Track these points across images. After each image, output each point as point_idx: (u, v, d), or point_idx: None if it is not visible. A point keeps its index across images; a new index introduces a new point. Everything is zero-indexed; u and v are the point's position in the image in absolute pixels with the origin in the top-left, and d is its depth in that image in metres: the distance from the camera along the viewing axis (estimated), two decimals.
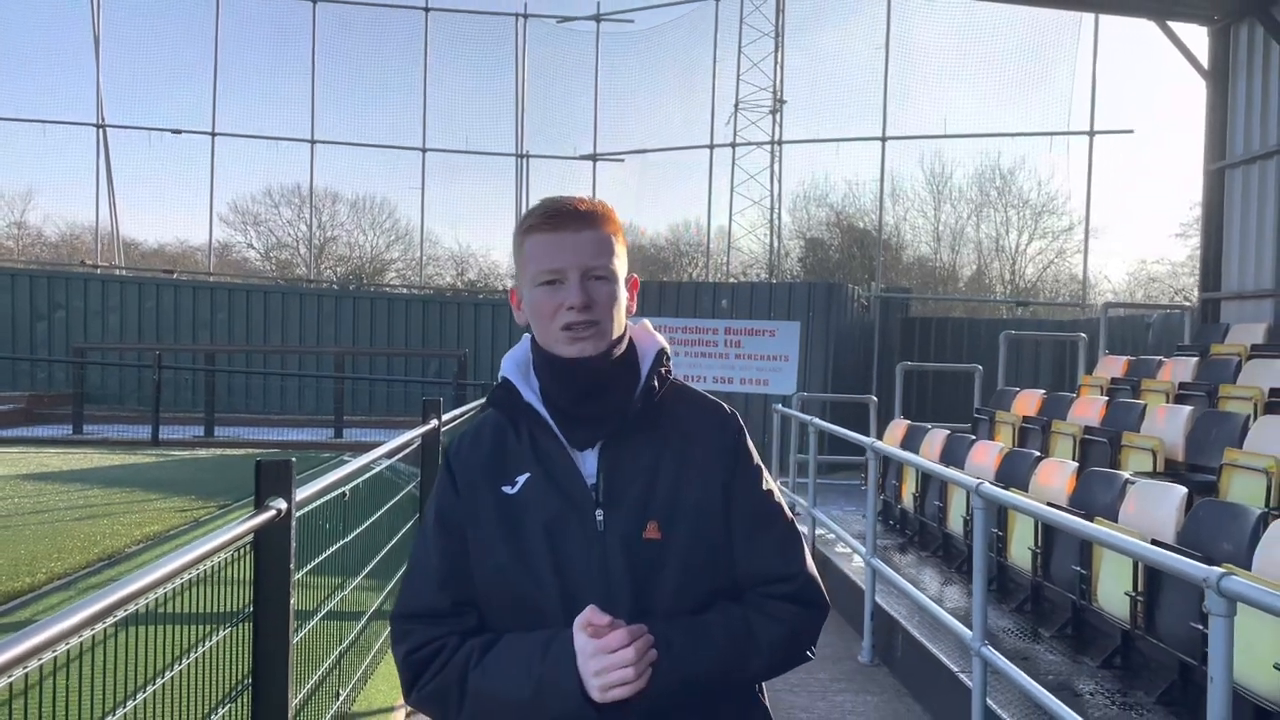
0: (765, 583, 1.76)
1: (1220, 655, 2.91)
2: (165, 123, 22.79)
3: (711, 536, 1.73)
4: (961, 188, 32.00)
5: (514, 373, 1.80)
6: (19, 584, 5.78)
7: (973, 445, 7.99)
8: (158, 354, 16.44)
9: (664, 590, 1.68)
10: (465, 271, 33.59)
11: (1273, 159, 10.75)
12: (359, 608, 5.68)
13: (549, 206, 1.74)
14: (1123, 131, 17.65)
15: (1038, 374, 16.27)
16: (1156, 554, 3.22)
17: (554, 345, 1.72)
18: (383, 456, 5.64)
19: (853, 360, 16.91)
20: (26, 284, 20.28)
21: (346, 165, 24.73)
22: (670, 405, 1.80)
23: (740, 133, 21.92)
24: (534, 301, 1.73)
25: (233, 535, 3.30)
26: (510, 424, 1.80)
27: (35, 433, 15.99)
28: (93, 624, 2.42)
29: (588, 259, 1.70)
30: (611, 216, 1.77)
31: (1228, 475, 5.96)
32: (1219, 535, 4.77)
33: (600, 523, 1.69)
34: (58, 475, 10.26)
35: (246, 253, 35.16)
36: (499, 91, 23.24)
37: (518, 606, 1.70)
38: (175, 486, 9.51)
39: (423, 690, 1.71)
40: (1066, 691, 5.21)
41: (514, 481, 1.75)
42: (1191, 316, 12.14)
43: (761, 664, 1.72)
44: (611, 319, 1.73)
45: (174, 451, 13.72)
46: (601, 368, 1.72)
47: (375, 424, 16.73)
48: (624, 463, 1.73)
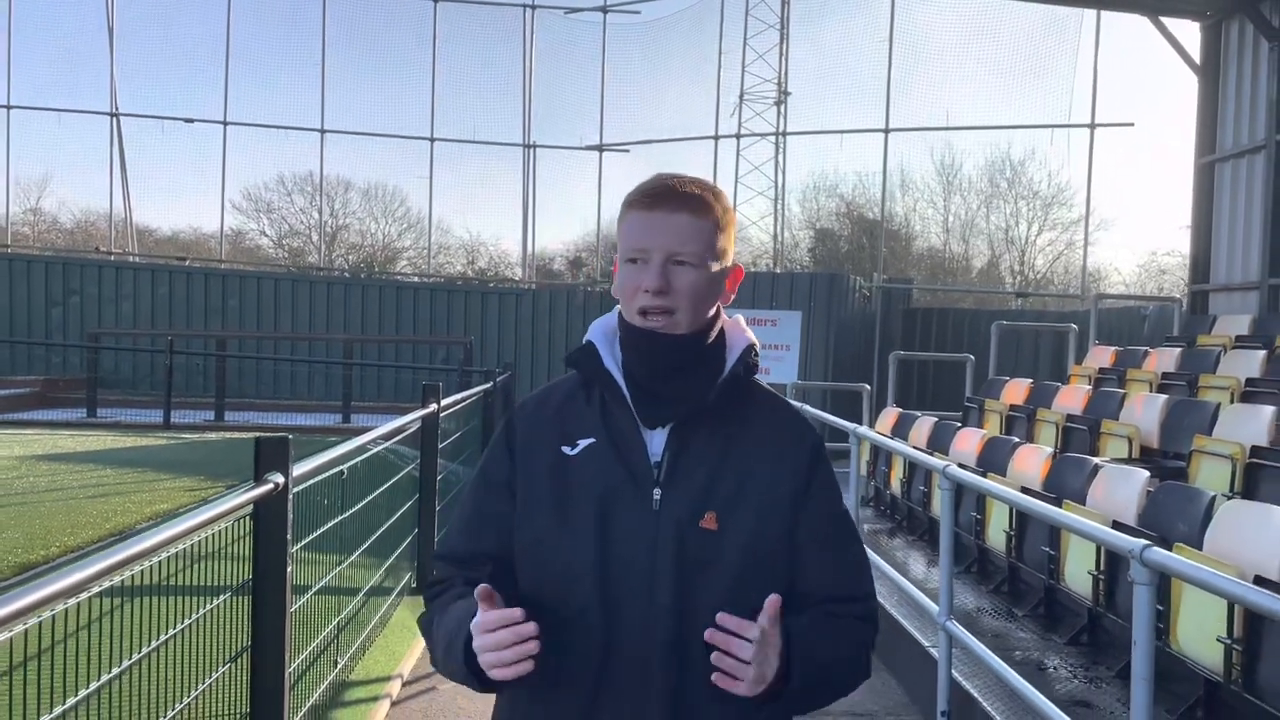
0: (839, 600, 1.74)
1: (1144, 620, 3.13)
2: (178, 111, 23.11)
3: (769, 541, 1.69)
4: (971, 178, 32.05)
5: (599, 338, 1.78)
6: (34, 556, 6.06)
7: (957, 432, 8.21)
8: (170, 339, 16.75)
9: (715, 585, 1.65)
10: (475, 260, 33.83)
11: (1260, 153, 10.91)
12: (357, 583, 5.91)
13: (652, 184, 1.72)
14: (1123, 124, 17.81)
15: (1036, 364, 16.45)
16: (1090, 527, 3.45)
17: (633, 322, 1.72)
18: (380, 438, 5.88)
19: (853, 350, 17.11)
20: (42, 270, 20.64)
21: (357, 153, 24.95)
22: (751, 404, 1.78)
23: (745, 124, 22.12)
24: (620, 277, 1.72)
25: (232, 505, 3.54)
26: (583, 388, 1.79)
27: (49, 415, 16.32)
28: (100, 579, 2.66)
29: (674, 243, 1.67)
30: (714, 203, 1.72)
31: (1196, 461, 6.17)
32: (1176, 516, 4.98)
33: (657, 502, 1.67)
34: (71, 456, 10.58)
35: (259, 240, 35.43)
36: (506, 82, 23.44)
37: (554, 572, 1.68)
38: (185, 468, 9.81)
39: (420, 619, 1.82)
40: (1034, 666, 5.45)
41: (576, 444, 1.73)
42: (1180, 308, 12.31)
43: (855, 678, 1.76)
44: (690, 307, 1.68)
45: (185, 434, 14.04)
46: (681, 348, 1.70)
47: (383, 409, 16.99)
48: (692, 448, 1.70)
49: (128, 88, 22.73)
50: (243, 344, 20.03)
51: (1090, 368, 10.22)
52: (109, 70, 22.04)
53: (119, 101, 22.25)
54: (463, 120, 23.27)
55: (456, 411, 9.07)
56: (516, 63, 23.20)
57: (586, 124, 23.07)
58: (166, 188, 26.22)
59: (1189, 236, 12.17)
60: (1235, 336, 9.47)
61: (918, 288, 20.74)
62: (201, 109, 22.95)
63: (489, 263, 33.60)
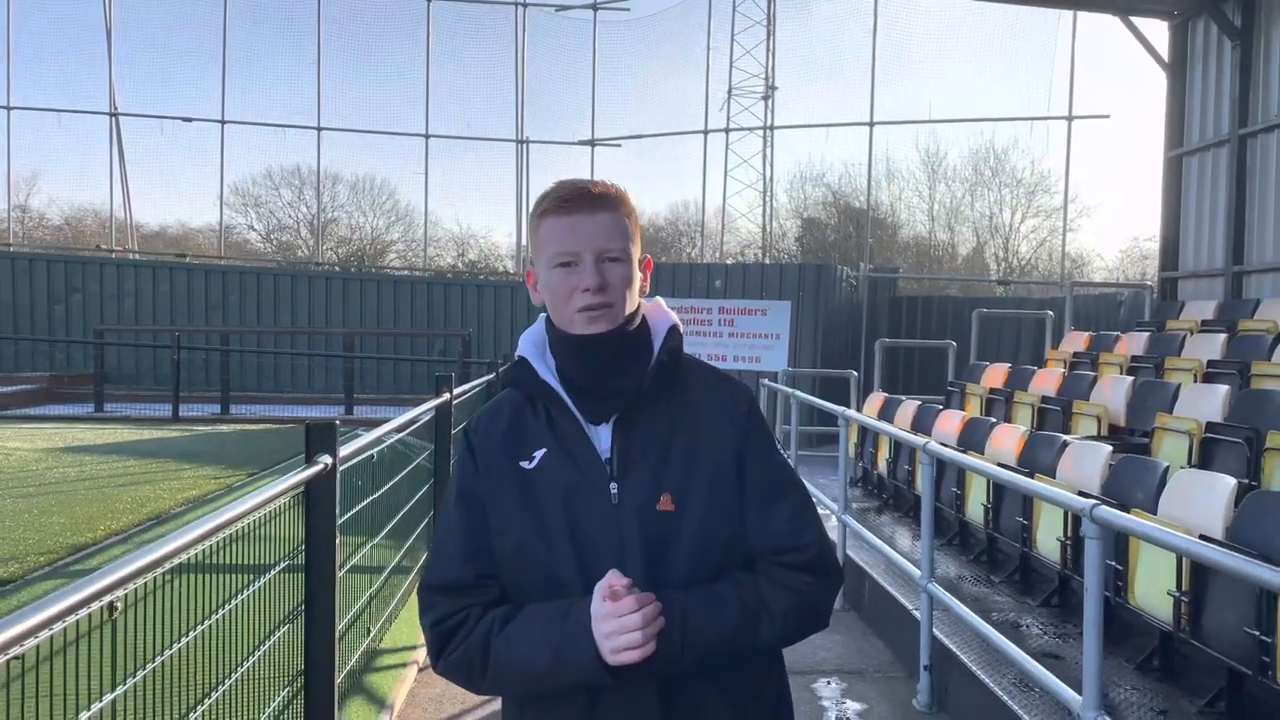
0: (777, 552, 1.78)
1: (1094, 571, 3.60)
2: (175, 110, 23.46)
3: (725, 508, 1.76)
4: (956, 166, 32.56)
5: (531, 352, 1.84)
6: (82, 539, 6.51)
7: (939, 414, 8.70)
8: (176, 335, 17.13)
9: (678, 561, 1.72)
10: (466, 252, 34.14)
11: (1224, 147, 11.45)
12: (383, 562, 6.36)
13: (563, 190, 1.76)
14: (1099, 116, 18.31)
15: (1019, 349, 16.99)
16: (1048, 490, 3.94)
17: (569, 325, 1.76)
18: (403, 425, 6.34)
19: (841, 338, 17.61)
20: (44, 268, 21.00)
21: (348, 148, 25.38)
22: (683, 380, 1.84)
23: (734, 118, 22.60)
24: (550, 283, 1.76)
25: (289, 484, 3.99)
26: (528, 402, 1.84)
27: (58, 411, 16.71)
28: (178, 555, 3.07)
29: (602, 241, 1.73)
30: (625, 199, 1.80)
31: (1159, 437, 6.67)
32: (1134, 485, 5.48)
33: (615, 495, 1.73)
34: (93, 448, 11.00)
35: (248, 234, 35.65)
36: (499, 78, 23.89)
37: (539, 578, 1.74)
38: (204, 458, 10.25)
39: (449, 659, 1.77)
40: (1010, 626, 5.94)
41: (531, 457, 1.78)
42: (1151, 295, 12.86)
43: (774, 632, 1.75)
44: (625, 299, 1.76)
45: (196, 427, 14.45)
46: (615, 344, 1.76)
47: (384, 401, 17.42)
48: (637, 436, 1.77)
49: (125, 87, 23.08)
50: (244, 339, 20.42)
51: (1066, 352, 10.74)
52: (107, 71, 22.39)
53: (118, 101, 22.59)
54: (457, 117, 23.76)
55: (464, 402, 9.51)
56: (509, 60, 23.64)
57: (579, 119, 23.54)
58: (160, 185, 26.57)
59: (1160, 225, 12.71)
60: (1201, 321, 10.01)
61: (903, 277, 21.25)
62: (195, 108, 23.32)
63: (479, 255, 33.95)
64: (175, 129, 23.38)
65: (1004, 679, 5.01)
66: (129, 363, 20.17)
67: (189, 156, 23.88)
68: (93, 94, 23.24)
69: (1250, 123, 11.12)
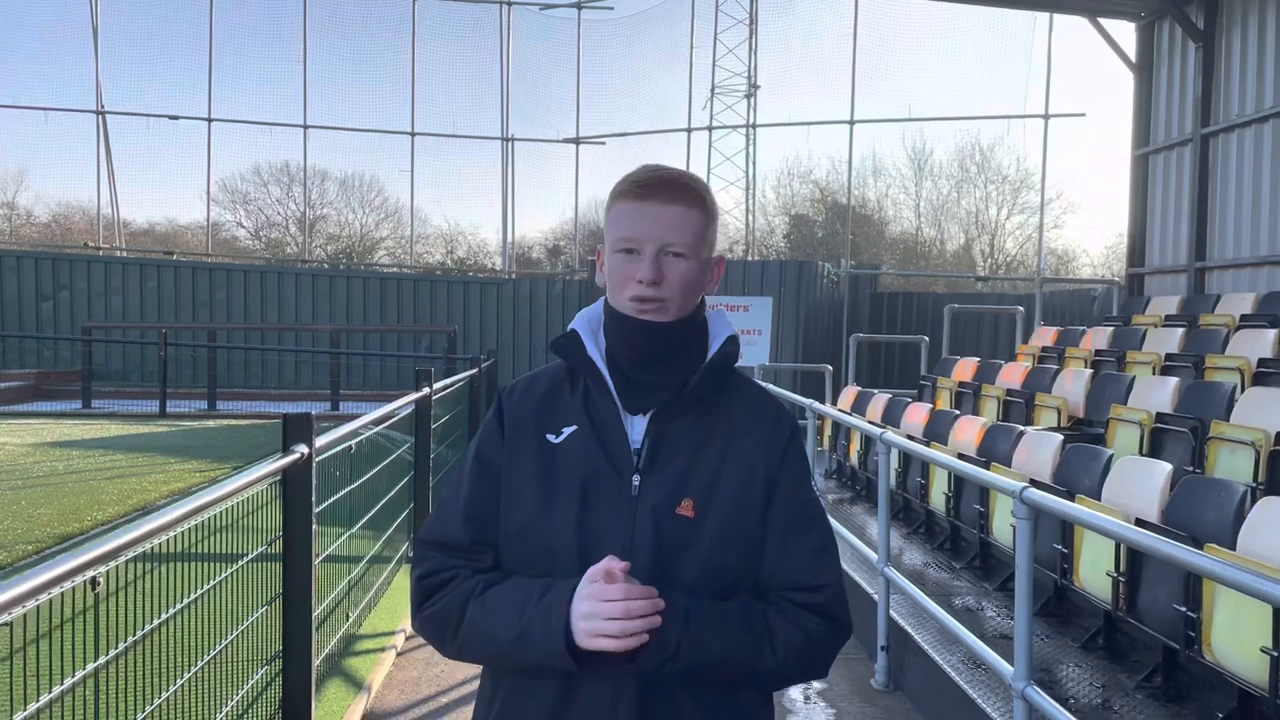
0: (792, 589, 1.72)
1: (1024, 547, 3.83)
2: (159, 108, 23.57)
3: (745, 529, 1.70)
4: (942, 163, 32.84)
5: (584, 327, 1.80)
6: (69, 528, 6.70)
7: (908, 407, 8.94)
8: (164, 333, 17.28)
9: (686, 570, 1.66)
10: (454, 249, 34.29)
11: (1187, 147, 11.73)
12: (362, 552, 6.56)
13: (641, 175, 1.73)
14: (1075, 115, 18.57)
15: (996, 343, 17.26)
16: (979, 474, 4.16)
17: (622, 311, 1.74)
18: (381, 418, 6.53)
19: (822, 333, 17.85)
20: (31, 265, 21.10)
21: (337, 146, 25.53)
22: (729, 392, 1.79)
23: (717, 117, 22.82)
24: (611, 267, 1.73)
25: (266, 471, 4.19)
26: (568, 376, 1.82)
27: (46, 407, 16.84)
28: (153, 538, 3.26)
29: (667, 234, 1.68)
30: (703, 194, 1.75)
31: (1113, 427, 6.91)
32: (1082, 473, 5.72)
33: (635, 488, 1.69)
34: (80, 442, 11.17)
35: (236, 231, 35.74)
36: (485, 77, 24.04)
37: (537, 557, 1.70)
38: (190, 451, 10.43)
39: (425, 613, 1.74)
40: (969, 610, 6.17)
41: (560, 431, 1.75)
42: (1119, 290, 13.13)
43: (773, 665, 1.67)
44: (680, 297, 1.71)
45: (183, 422, 14.62)
46: (668, 335, 1.72)
47: (370, 397, 17.56)
48: (672, 435, 1.72)
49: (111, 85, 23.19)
50: (231, 335, 20.57)
51: (1035, 346, 11.02)
52: (94, 69, 22.48)
53: (104, 99, 22.71)
54: (443, 114, 23.87)
55: (445, 396, 9.70)
56: (494, 58, 23.80)
57: (563, 117, 23.73)
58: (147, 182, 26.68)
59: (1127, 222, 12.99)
60: (1165, 316, 10.29)
61: (884, 273, 21.50)
62: (182, 106, 23.44)
63: (468, 252, 34.10)
64: (162, 126, 23.51)
65: (953, 657, 5.24)
66: (116, 359, 20.30)
67: (176, 154, 24.00)
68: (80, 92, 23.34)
69: (1212, 122, 11.40)
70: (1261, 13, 10.68)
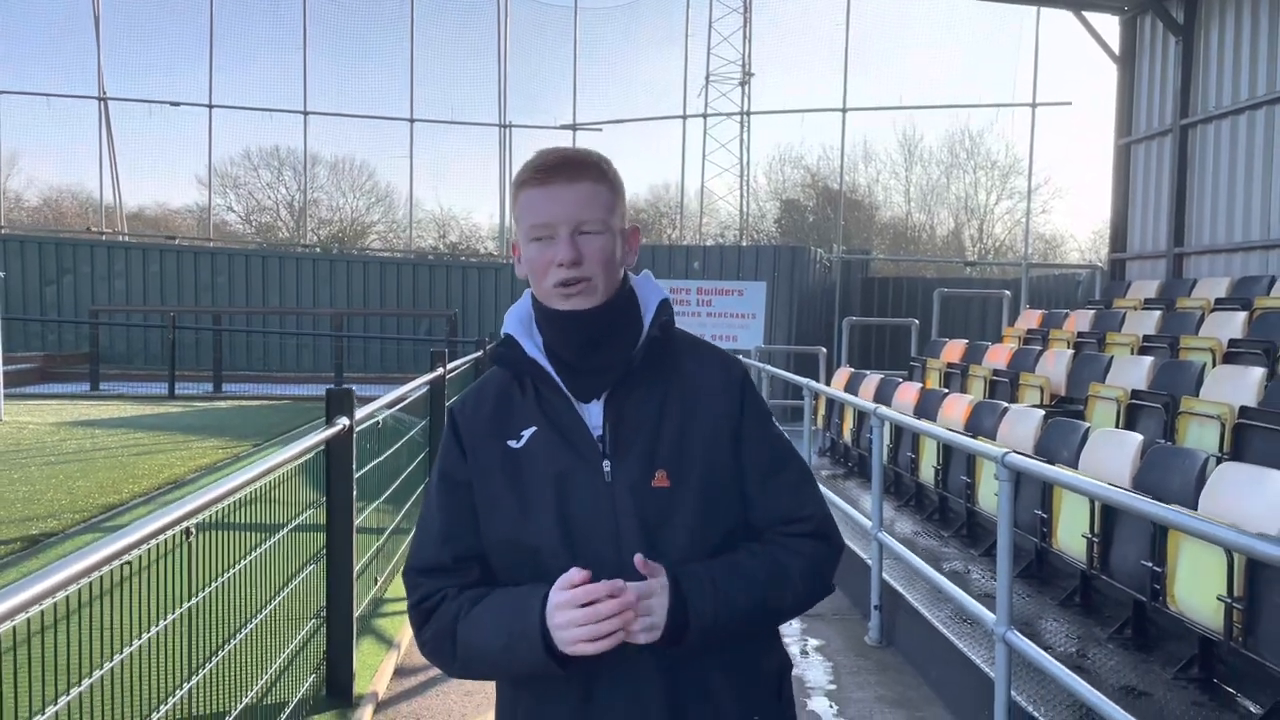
0: (783, 523, 1.76)
1: (1006, 509, 4.25)
2: (158, 94, 23.83)
3: (721, 482, 1.73)
4: (933, 149, 33.21)
5: (517, 328, 1.79)
6: (109, 499, 7.10)
7: (899, 386, 9.38)
8: (172, 316, 17.62)
9: (676, 538, 1.68)
10: (448, 234, 34.51)
11: (1167, 137, 12.19)
12: (384, 524, 6.96)
13: (540, 160, 1.71)
14: (1061, 104, 19.05)
15: (984, 326, 17.71)
16: (965, 441, 4.59)
17: (550, 301, 1.72)
18: (410, 392, 6.94)
19: (815, 317, 18.27)
20: (35, 250, 21.38)
21: (330, 130, 25.79)
22: (674, 355, 1.79)
23: (711, 104, 23.18)
24: (528, 258, 1.72)
25: (313, 442, 4.60)
26: (515, 380, 1.80)
27: (54, 389, 17.18)
28: (241, 490, 3.69)
29: (578, 213, 1.67)
30: (604, 167, 1.74)
31: (1091, 404, 7.35)
32: (1061, 445, 6.16)
33: (608, 474, 1.69)
34: (101, 421, 11.55)
35: (226, 216, 35.83)
36: (483, 62, 24.36)
37: (525, 561, 1.70)
38: (208, 430, 10.82)
39: (424, 639, 1.76)
40: (957, 574, 6.61)
41: (519, 436, 1.74)
42: (1101, 275, 13.61)
43: (794, 596, 1.73)
44: (604, 274, 1.70)
45: (194, 403, 14.99)
46: (602, 318, 1.71)
47: (373, 380, 17.88)
48: (629, 413, 1.72)
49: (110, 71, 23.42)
50: (233, 319, 20.89)
51: (1021, 329, 11.48)
52: (96, 55, 22.73)
53: (105, 85, 22.96)
54: (441, 100, 24.21)
55: (454, 377, 10.10)
56: (491, 45, 24.10)
57: (560, 103, 24.06)
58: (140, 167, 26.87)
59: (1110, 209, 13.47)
60: (1144, 299, 10.76)
61: (875, 258, 21.93)
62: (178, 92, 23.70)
63: (460, 237, 34.34)
64: (161, 112, 23.77)
65: (941, 613, 5.69)
66: (120, 343, 20.61)
67: (169, 138, 24.32)
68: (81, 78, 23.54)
69: (1190, 114, 11.86)
70: (1238, 8, 11.13)
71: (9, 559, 5.78)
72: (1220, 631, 4.29)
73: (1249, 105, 10.92)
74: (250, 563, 3.99)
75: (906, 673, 5.71)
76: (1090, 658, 4.97)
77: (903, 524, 7.87)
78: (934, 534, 7.62)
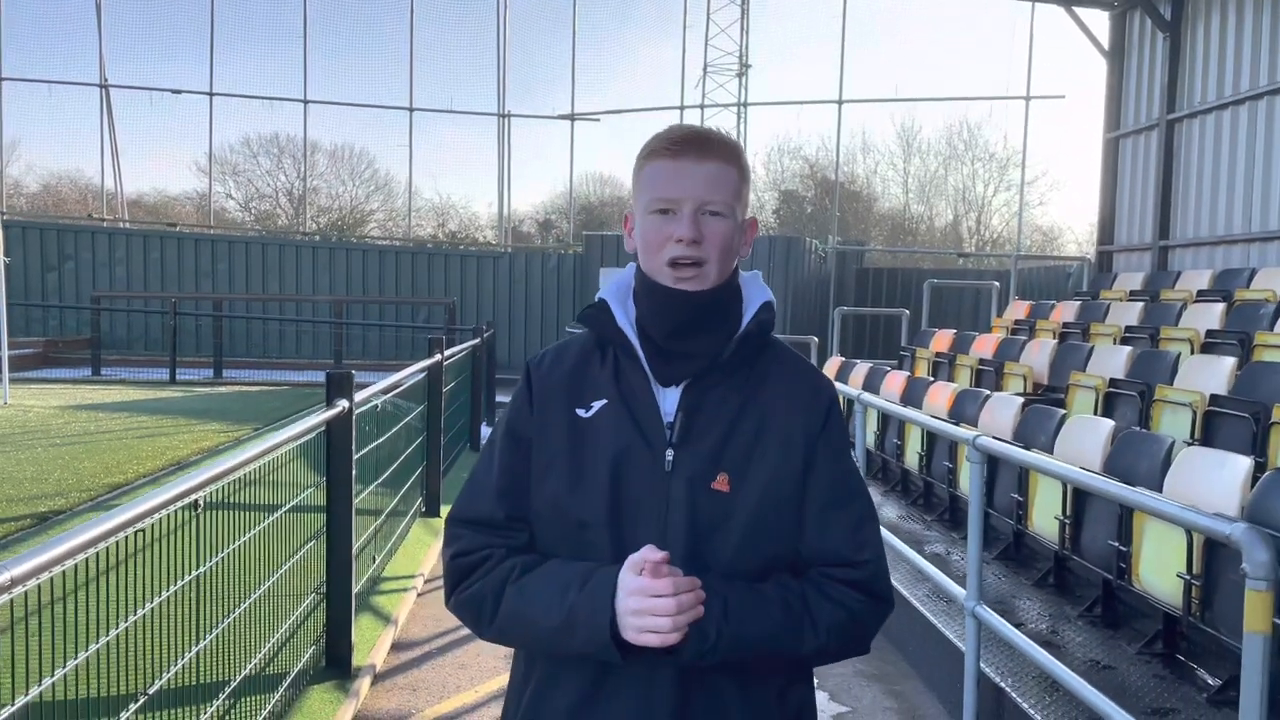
0: (832, 564, 1.65)
1: (976, 490, 4.45)
2: (158, 82, 23.97)
3: (782, 502, 1.63)
4: (931, 140, 33.36)
5: (613, 296, 1.73)
6: (114, 479, 7.30)
7: (887, 375, 9.58)
8: (174, 302, 17.80)
9: (722, 546, 1.61)
10: (446, 223, 34.65)
11: (1154, 131, 12.40)
12: (382, 506, 7.15)
13: (674, 133, 1.67)
14: (1055, 97, 19.20)
15: (976, 316, 17.92)
16: (939, 425, 4.79)
17: (657, 275, 1.65)
18: (407, 377, 7.13)
19: (809, 306, 18.48)
20: (37, 236, 21.55)
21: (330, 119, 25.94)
22: (765, 360, 1.72)
23: (709, 95, 23.32)
24: (644, 229, 1.66)
25: (314, 423, 4.80)
26: (597, 347, 1.74)
27: (56, 374, 17.36)
28: (244, 467, 3.88)
29: (705, 192, 1.62)
30: (738, 152, 1.69)
31: (1072, 392, 7.56)
32: (1038, 430, 6.36)
33: (669, 463, 1.62)
34: (104, 405, 11.75)
35: (225, 203, 35.92)
36: (482, 53, 24.50)
37: (569, 533, 1.65)
38: (210, 414, 11.02)
39: (461, 595, 1.68)
40: (938, 557, 6.82)
41: (590, 406, 1.68)
42: (1089, 266, 13.83)
43: (816, 646, 1.61)
44: (719, 259, 1.64)
45: (195, 389, 15.18)
46: (702, 302, 1.64)
47: (371, 366, 18.06)
48: (706, 407, 1.65)
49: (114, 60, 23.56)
50: (233, 305, 21.08)
51: (1009, 319, 11.69)
52: (97, 43, 22.88)
53: (107, 73, 23.11)
54: (440, 90, 24.39)
55: (450, 364, 10.30)
56: (491, 34, 24.23)
57: (559, 93, 24.22)
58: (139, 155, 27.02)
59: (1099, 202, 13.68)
60: (1129, 291, 10.97)
61: (869, 250, 22.14)
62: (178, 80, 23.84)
63: (459, 225, 34.47)
64: (160, 99, 23.91)
65: (920, 591, 5.90)
66: (121, 328, 20.80)
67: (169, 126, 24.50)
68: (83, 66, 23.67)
69: (1177, 109, 12.06)
70: (1224, 6, 11.32)
71: (21, 535, 5.98)
72: (1180, 608, 4.50)
73: (1233, 101, 11.12)
74: (253, 538, 4.19)
75: (886, 649, 5.92)
76: (1060, 634, 5.18)
77: (888, 509, 8.07)
78: (918, 518, 7.83)
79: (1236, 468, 4.53)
